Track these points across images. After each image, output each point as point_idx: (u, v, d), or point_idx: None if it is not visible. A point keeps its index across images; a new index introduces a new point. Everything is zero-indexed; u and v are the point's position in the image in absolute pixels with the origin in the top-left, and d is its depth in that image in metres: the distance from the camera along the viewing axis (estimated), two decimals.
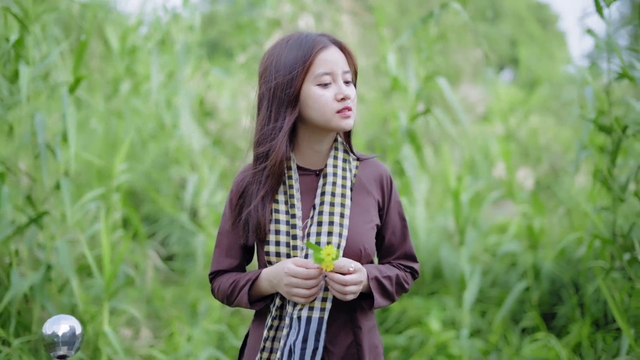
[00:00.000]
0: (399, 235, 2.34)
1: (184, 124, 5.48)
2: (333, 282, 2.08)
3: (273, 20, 6.63)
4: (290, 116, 2.21)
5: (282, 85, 2.22)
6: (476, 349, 5.18)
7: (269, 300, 2.25)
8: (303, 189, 2.25)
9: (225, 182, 5.83)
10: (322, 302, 2.15)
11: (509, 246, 5.86)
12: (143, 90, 6.44)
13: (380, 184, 2.31)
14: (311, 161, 2.28)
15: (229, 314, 5.48)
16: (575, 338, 5.05)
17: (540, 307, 5.59)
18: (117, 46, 6.02)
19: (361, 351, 2.22)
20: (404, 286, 2.31)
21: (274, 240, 2.19)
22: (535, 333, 5.33)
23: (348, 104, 2.19)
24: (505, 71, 16.52)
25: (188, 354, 4.71)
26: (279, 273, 2.13)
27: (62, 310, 4.28)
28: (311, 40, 2.22)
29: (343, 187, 2.23)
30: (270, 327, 2.20)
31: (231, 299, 2.28)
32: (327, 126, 2.21)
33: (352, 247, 2.19)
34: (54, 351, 2.33)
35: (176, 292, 5.59)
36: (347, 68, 2.23)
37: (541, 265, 5.59)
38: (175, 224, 6.18)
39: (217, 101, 6.31)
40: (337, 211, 2.19)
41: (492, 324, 5.51)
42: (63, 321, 2.34)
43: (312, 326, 2.13)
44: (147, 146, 6.73)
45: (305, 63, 2.19)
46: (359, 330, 2.23)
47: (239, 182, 2.30)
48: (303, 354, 2.12)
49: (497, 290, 5.80)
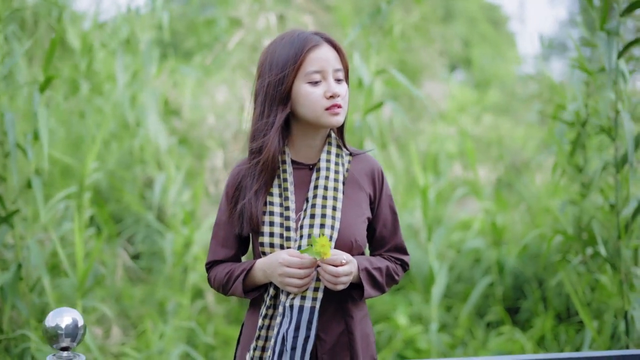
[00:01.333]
0: (389, 227, 2.41)
1: (150, 122, 5.47)
2: (325, 273, 2.15)
3: (234, 20, 6.65)
4: (281, 113, 2.27)
5: (274, 82, 2.28)
6: (443, 343, 5.27)
7: (263, 289, 2.31)
8: (297, 183, 2.32)
9: (192, 181, 5.84)
10: (314, 292, 2.22)
11: (474, 242, 5.97)
12: (104, 89, 6.40)
13: (372, 178, 2.38)
14: (305, 156, 2.34)
15: (197, 312, 5.50)
16: (539, 331, 5.17)
17: (505, 302, 5.71)
18: (78, 45, 5.96)
19: (353, 339, 2.29)
20: (394, 277, 2.39)
21: (268, 231, 2.26)
22: (500, 327, 5.44)
23: (337, 101, 2.25)
24: (458, 71, 16.69)
25: (161, 351, 4.72)
26: (273, 263, 2.20)
27: (33, 310, 4.26)
28: (303, 38, 2.28)
29: (335, 181, 2.29)
30: (265, 316, 2.27)
31: (226, 288, 2.34)
32: (317, 123, 2.27)
33: (343, 239, 2.26)
34: (56, 343, 2.35)
35: (144, 291, 5.59)
36: (339, 66, 2.29)
37: (505, 261, 5.71)
38: (141, 223, 6.16)
39: (182, 100, 6.31)
40: (329, 204, 2.25)
41: (458, 319, 5.61)
42: (66, 314, 2.37)
43: (304, 315, 2.20)
44: (110, 145, 6.69)
45: (296, 61, 2.25)
46: (350, 319, 2.30)
47: (235, 175, 2.36)
48: (295, 342, 2.18)
49: (462, 286, 5.91)
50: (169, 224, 5.71)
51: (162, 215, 5.92)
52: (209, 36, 7.35)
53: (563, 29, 19.34)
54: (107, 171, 6.31)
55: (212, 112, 6.16)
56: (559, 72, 13.36)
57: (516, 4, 28.46)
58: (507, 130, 9.21)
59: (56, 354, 2.38)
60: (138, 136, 6.05)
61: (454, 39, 15.75)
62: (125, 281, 5.47)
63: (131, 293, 5.41)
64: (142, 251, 6.10)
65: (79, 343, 2.39)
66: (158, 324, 5.00)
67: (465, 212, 6.98)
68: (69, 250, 4.69)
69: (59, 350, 2.37)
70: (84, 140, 5.83)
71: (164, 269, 5.61)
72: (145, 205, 6.05)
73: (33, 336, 3.95)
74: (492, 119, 9.71)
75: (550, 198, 6.08)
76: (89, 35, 5.93)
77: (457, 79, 15.86)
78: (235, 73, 6.23)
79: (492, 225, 5.86)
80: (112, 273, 5.29)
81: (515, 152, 7.98)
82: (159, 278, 5.67)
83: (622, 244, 4.27)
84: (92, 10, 6.27)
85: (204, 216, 5.77)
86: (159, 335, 4.88)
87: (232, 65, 6.17)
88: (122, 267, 5.41)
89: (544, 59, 11.05)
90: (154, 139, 5.60)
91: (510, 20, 19.17)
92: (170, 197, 5.55)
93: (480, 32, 17.37)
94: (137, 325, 5.26)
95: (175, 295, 5.33)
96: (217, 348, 5.34)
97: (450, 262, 6.05)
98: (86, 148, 5.85)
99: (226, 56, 6.45)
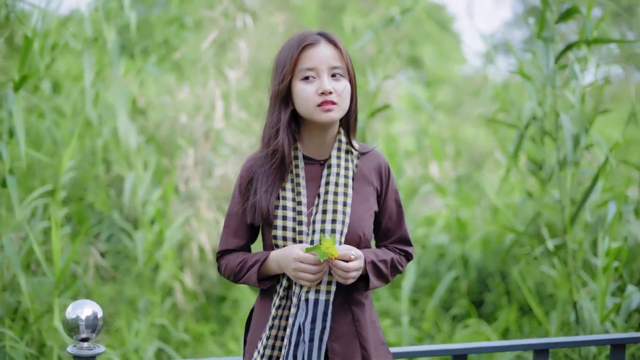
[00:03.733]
0: (395, 220, 2.51)
1: (120, 121, 5.47)
2: (337, 268, 2.24)
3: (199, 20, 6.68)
4: (285, 112, 2.36)
5: (278, 82, 2.37)
6: (411, 336, 5.39)
7: (275, 280, 2.39)
8: (308, 178, 2.40)
9: (161, 180, 5.85)
10: (327, 286, 2.31)
11: (438, 238, 6.10)
12: (64, 88, 6.37)
13: (379, 172, 2.47)
14: (315, 152, 2.42)
15: (167, 310, 5.53)
16: (504, 323, 5.32)
17: (470, 295, 5.85)
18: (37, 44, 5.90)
19: (360, 326, 2.38)
20: (398, 268, 2.49)
21: (281, 225, 2.34)
22: (466, 320, 5.58)
23: (329, 97, 2.31)
24: (408, 71, 16.84)
25: (136, 348, 4.74)
26: (288, 257, 2.28)
27: (7, 309, 4.27)
28: (302, 38, 2.36)
29: (346, 177, 2.38)
30: (279, 307, 2.34)
31: (238, 276, 2.42)
32: (311, 119, 2.35)
33: (352, 233, 2.35)
34: (77, 334, 2.42)
35: (113, 289, 5.59)
36: (337, 64, 2.34)
37: (469, 256, 5.85)
38: (105, 222, 6.15)
39: (149, 99, 6.31)
40: (340, 200, 2.34)
41: (425, 312, 5.73)
42: (86, 305, 2.44)
43: (319, 308, 2.29)
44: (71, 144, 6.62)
45: (292, 60, 2.33)
46: (357, 307, 2.40)
47: (248, 168, 2.43)
48: (312, 333, 2.27)
49: (428, 280, 6.04)
50: (138, 223, 5.71)
51: (131, 213, 5.92)
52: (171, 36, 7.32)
53: (509, 29, 19.66)
54: (69, 169, 6.27)
55: (183, 111, 6.17)
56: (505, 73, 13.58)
57: (463, 4, 28.82)
58: (459, 128, 9.39)
59: (77, 345, 2.44)
60: (101, 135, 6.03)
61: (402, 39, 15.91)
62: (96, 280, 5.47)
63: (101, 291, 5.41)
64: (108, 250, 6.09)
65: (98, 334, 2.44)
66: (132, 321, 5.01)
67: (427, 209, 7.11)
68: (42, 249, 4.68)
69: (79, 341, 2.42)
70: (43, 140, 5.81)
71: (132, 268, 5.62)
72: (110, 203, 6.04)
73: (9, 333, 3.96)
74: (443, 118, 9.88)
75: (510, 194, 6.25)
76: (49, 34, 5.88)
77: (407, 77, 16.02)
78: (205, 73, 6.26)
79: (456, 221, 6.00)
80: (84, 272, 5.29)
81: (470, 149, 8.16)
82: (127, 276, 5.68)
83: (568, 238, 4.49)
84: (52, 8, 6.20)
85: (175, 214, 5.79)
86: (133, 333, 4.90)
87: (202, 64, 6.20)
88: (94, 265, 5.41)
89: (489, 60, 11.29)
90: (124, 138, 5.59)
91: (456, 20, 19.42)
92: (140, 196, 5.55)
93: (426, 32, 17.59)
94: (109, 324, 5.26)
95: (146, 293, 5.35)
96: (189, 344, 5.38)
97: (416, 258, 6.17)
98: (46, 147, 5.83)
99: (196, 55, 6.46)
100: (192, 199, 6.02)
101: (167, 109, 6.31)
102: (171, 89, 6.44)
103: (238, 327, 5.62)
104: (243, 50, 6.24)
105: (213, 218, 5.94)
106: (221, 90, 5.99)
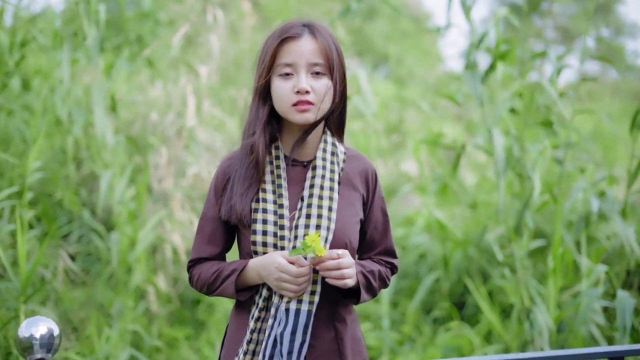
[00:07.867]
0: (380, 230, 2.33)
1: (97, 118, 5.30)
2: (328, 269, 2.06)
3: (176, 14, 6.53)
4: (263, 108, 2.20)
5: (257, 77, 2.21)
6: (392, 339, 5.27)
7: (254, 290, 2.21)
8: (290, 179, 2.22)
9: (134, 179, 5.68)
10: (310, 296, 2.13)
11: (418, 239, 5.98)
12: (33, 85, 6.17)
13: (366, 178, 2.30)
14: (298, 152, 2.25)
15: (140, 314, 5.36)
16: (486, 327, 5.21)
17: (451, 297, 5.73)
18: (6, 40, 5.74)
19: (342, 345, 2.20)
20: (386, 282, 2.32)
21: (261, 229, 2.15)
22: (448, 322, 5.46)
23: (305, 97, 2.14)
24: (381, 68, 16.77)
25: (107, 355, 4.57)
26: (269, 266, 2.10)
27: None
28: (283, 29, 2.19)
29: (331, 181, 2.20)
30: (257, 319, 2.16)
31: (212, 288, 2.23)
32: (286, 119, 2.18)
33: (338, 240, 2.17)
34: (30, 355, 2.19)
35: (83, 293, 5.40)
36: (318, 60, 2.16)
37: (450, 257, 5.73)
38: (75, 223, 5.96)
39: (119, 96, 6.14)
40: (325, 204, 2.16)
41: (405, 315, 5.61)
42: (41, 323, 2.22)
43: (300, 319, 2.10)
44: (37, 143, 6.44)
45: (270, 53, 2.17)
46: (340, 324, 2.22)
47: (225, 168, 2.25)
48: (292, 345, 2.09)
49: (408, 282, 5.91)
50: (111, 223, 5.53)
51: (103, 214, 5.73)
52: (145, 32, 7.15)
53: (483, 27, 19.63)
54: (36, 169, 6.08)
55: (154, 108, 6.00)
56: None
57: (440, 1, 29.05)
58: (434, 125, 9.30)
59: None
60: (72, 133, 5.84)
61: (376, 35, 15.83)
62: (66, 283, 5.28)
63: (71, 295, 5.22)
64: (78, 252, 5.90)
65: (54, 354, 2.25)
66: (103, 327, 4.84)
67: (406, 209, 6.99)
68: (10, 252, 4.50)
69: None
70: (13, 138, 5.61)
71: (103, 271, 5.43)
72: (80, 203, 5.84)
73: None
74: (414, 115, 9.78)
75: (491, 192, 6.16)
76: (18, 30, 5.71)
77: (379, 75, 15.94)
78: (176, 69, 6.09)
79: (436, 222, 5.87)
80: (53, 276, 5.10)
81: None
82: (98, 280, 5.49)
83: (515, 246, 4.54)
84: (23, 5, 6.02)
85: (148, 214, 5.60)
86: (104, 339, 4.72)
87: (173, 60, 6.04)
88: (63, 269, 5.23)
89: (466, 57, 11.20)
90: (100, 135, 5.41)
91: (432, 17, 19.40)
92: (116, 195, 5.37)
93: (401, 29, 17.51)
94: (79, 329, 5.08)
95: (118, 297, 5.17)
96: (162, 350, 5.21)
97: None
98: (15, 147, 5.64)
99: (165, 51, 6.30)
100: (166, 199, 5.85)
101: (139, 106, 6.13)
102: (143, 86, 6.27)
103: (213, 331, 5.46)
104: (214, 44, 6.09)
105: (187, 219, 5.77)
106: (193, 86, 5.83)
